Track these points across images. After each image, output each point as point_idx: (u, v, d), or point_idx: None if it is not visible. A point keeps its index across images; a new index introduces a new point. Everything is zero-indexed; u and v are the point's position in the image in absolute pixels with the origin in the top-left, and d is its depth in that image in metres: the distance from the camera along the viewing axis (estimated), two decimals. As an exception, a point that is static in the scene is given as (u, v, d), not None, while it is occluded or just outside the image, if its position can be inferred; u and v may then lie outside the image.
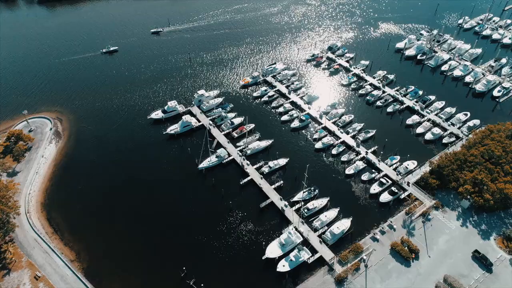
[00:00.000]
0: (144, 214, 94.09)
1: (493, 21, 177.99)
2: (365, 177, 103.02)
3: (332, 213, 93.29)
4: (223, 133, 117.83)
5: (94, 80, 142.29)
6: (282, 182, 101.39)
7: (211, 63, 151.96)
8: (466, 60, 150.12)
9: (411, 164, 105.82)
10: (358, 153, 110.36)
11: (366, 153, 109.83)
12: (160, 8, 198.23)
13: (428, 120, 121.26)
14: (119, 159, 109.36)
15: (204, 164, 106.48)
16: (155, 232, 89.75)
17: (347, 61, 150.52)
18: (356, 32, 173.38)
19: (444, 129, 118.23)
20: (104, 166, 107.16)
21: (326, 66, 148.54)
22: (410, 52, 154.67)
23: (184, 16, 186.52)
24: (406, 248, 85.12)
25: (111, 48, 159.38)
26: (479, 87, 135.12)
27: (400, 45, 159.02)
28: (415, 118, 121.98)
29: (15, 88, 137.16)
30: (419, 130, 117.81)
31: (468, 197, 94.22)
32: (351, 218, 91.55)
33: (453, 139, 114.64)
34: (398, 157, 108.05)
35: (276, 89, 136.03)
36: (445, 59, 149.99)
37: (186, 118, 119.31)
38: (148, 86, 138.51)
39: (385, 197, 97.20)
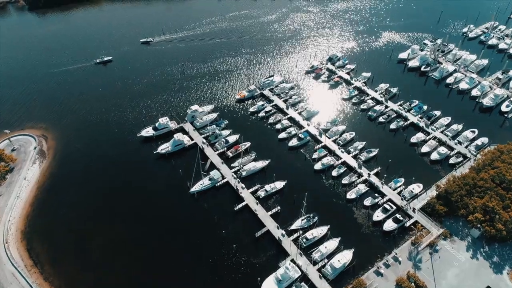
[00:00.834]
0: (131, 243, 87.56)
1: (499, 29, 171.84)
2: (367, 202, 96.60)
3: (333, 243, 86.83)
4: (217, 152, 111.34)
5: (85, 93, 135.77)
6: (279, 208, 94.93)
7: (206, 74, 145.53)
8: (472, 72, 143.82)
9: (416, 187, 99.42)
10: (360, 175, 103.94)
11: (369, 175, 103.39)
12: (154, 14, 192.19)
13: (434, 138, 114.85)
14: (105, 182, 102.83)
15: (196, 187, 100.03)
16: (142, 264, 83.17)
17: (348, 73, 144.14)
18: (357, 41, 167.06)
19: (451, 148, 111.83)
20: (89, 189, 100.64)
21: (326, 78, 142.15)
22: (413, 63, 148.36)
23: (179, 24, 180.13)
24: (413, 284, 78.71)
25: (105, 58, 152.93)
26: (486, 101, 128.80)
27: (403, 55, 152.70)
28: (419, 136, 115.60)
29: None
30: (424, 149, 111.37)
31: (479, 226, 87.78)
32: (352, 250, 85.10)
33: (460, 159, 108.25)
34: (403, 180, 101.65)
35: (273, 103, 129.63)
36: (450, 71, 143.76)
37: (178, 136, 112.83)
38: (140, 99, 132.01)
39: (389, 225, 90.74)
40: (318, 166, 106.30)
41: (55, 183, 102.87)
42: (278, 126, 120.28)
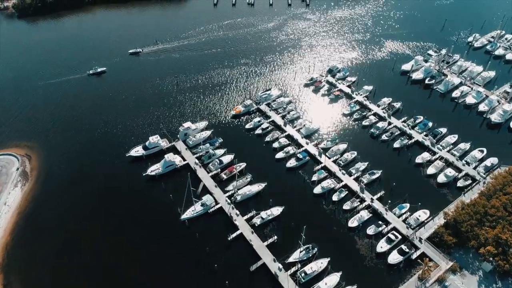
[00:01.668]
0: (116, 276, 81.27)
1: (506, 38, 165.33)
2: (370, 231, 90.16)
3: (334, 279, 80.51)
4: (210, 174, 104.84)
5: (75, 107, 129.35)
6: (276, 237, 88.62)
7: (201, 87, 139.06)
8: (478, 85, 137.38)
9: (422, 214, 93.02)
10: (362, 200, 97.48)
11: (372, 200, 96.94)
12: (149, 21, 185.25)
13: (440, 158, 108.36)
14: (90, 208, 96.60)
15: (188, 214, 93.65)
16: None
17: (349, 86, 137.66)
18: (358, 51, 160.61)
19: (458, 169, 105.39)
20: (73, 216, 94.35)
21: (326, 92, 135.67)
22: (417, 75, 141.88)
23: (174, 32, 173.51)
24: (421, 327, 72.25)
25: (99, 69, 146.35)
26: (494, 117, 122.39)
27: (406, 67, 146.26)
28: (425, 156, 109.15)
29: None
30: (431, 170, 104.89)
31: (491, 259, 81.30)
32: (355, 287, 78.58)
33: (469, 181, 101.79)
34: (408, 205, 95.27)
35: (270, 119, 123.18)
36: (456, 84, 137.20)
37: (169, 157, 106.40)
38: (131, 115, 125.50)
39: (394, 258, 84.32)
40: (317, 190, 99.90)
41: (38, 209, 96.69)
42: (276, 144, 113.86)
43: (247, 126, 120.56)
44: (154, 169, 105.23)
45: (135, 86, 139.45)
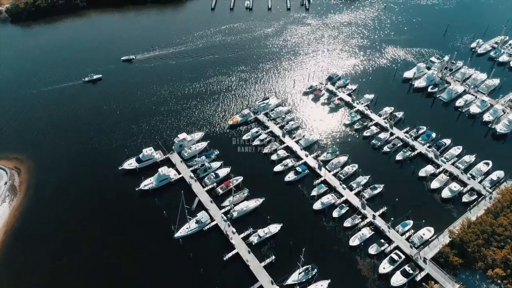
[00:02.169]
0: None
1: (510, 44, 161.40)
2: (372, 250, 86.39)
3: (334, 303, 76.55)
4: (205, 189, 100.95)
5: (67, 117, 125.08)
6: (273, 257, 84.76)
7: (197, 96, 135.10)
8: (483, 93, 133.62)
9: (427, 232, 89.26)
10: (363, 217, 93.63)
11: (374, 216, 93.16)
12: (145, 26, 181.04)
13: (445, 171, 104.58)
14: (81, 225, 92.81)
15: (182, 232, 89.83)
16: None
17: (349, 94, 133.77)
18: (358, 58, 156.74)
19: (463, 184, 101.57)
20: (63, 235, 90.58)
21: (326, 101, 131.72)
22: (419, 83, 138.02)
23: (169, 37, 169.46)
24: None
25: (94, 77, 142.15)
26: (500, 128, 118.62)
27: (408, 74, 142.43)
28: (428, 169, 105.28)
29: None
30: (434, 184, 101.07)
31: (499, 281, 77.49)
32: (357, 312, 74.82)
33: (474, 197, 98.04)
34: (411, 223, 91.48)
35: (268, 130, 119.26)
36: (459, 92, 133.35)
37: (163, 170, 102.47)
38: (125, 124, 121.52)
39: (397, 280, 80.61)
40: (317, 205, 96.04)
41: (26, 226, 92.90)
42: (274, 157, 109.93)
43: (244, 137, 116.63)
44: (148, 183, 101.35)
45: (130, 94, 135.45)
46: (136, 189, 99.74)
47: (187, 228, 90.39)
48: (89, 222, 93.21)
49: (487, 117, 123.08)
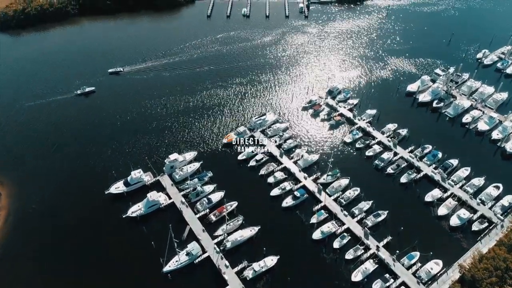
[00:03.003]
0: None
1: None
2: (377, 286, 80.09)
3: None
4: (197, 215, 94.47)
5: (56, 134, 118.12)
6: (269, 295, 78.27)
7: (191, 111, 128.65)
8: (491, 108, 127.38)
9: (434, 266, 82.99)
10: (366, 248, 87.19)
11: (377, 248, 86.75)
12: (137, 34, 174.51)
13: (453, 196, 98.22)
14: (63, 255, 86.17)
15: (171, 265, 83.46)
16: None
17: (350, 110, 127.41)
18: (360, 69, 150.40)
19: (473, 209, 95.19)
20: (44, 264, 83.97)
21: (326, 116, 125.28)
22: (424, 97, 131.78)
23: (164, 47, 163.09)
24: None
25: (87, 89, 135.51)
26: (509, 147, 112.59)
27: (412, 87, 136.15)
28: (435, 193, 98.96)
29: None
30: (442, 211, 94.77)
31: (515, 325, 71.07)
32: None
33: (485, 225, 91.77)
34: (418, 254, 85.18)
35: (265, 149, 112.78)
36: (466, 107, 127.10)
37: (153, 196, 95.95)
38: (115, 143, 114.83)
39: (404, 321, 74.04)
40: (317, 234, 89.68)
41: (5, 258, 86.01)
42: (271, 179, 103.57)
43: (239, 157, 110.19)
44: (136, 209, 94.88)
45: (122, 109, 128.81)
46: (123, 216, 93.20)
47: (176, 261, 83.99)
48: (72, 254, 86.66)
49: (495, 134, 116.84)
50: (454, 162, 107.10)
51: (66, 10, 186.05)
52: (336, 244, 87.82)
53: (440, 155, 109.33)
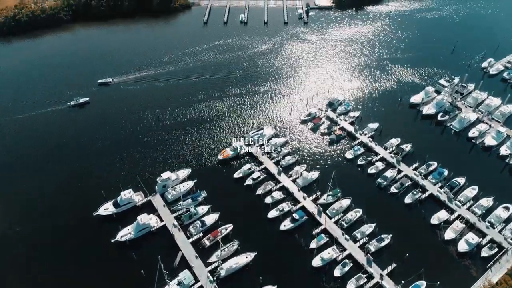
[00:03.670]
0: None
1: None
2: (380, 320, 74.70)
3: None
4: (190, 240, 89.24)
5: (44, 150, 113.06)
6: (266, 331, 73.01)
7: (185, 124, 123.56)
8: (498, 121, 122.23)
9: (442, 297, 77.55)
10: (370, 276, 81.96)
11: (381, 276, 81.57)
12: (132, 41, 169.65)
13: (460, 218, 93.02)
14: (47, 284, 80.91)
15: (161, 297, 78.07)
16: None
17: (352, 123, 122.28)
18: (360, 80, 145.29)
19: (482, 233, 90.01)
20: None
21: (326, 131, 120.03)
22: (428, 110, 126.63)
23: (158, 54, 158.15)
24: None
25: (81, 100, 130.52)
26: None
27: (415, 99, 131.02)
28: (441, 215, 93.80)
29: None
30: (449, 235, 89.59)
31: None
32: None
33: (494, 250, 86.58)
34: (424, 284, 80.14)
35: (262, 166, 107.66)
36: (472, 120, 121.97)
37: (143, 219, 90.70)
38: (106, 160, 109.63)
39: None
40: (317, 261, 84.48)
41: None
42: (268, 199, 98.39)
43: (235, 175, 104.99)
44: (125, 233, 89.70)
45: (115, 122, 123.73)
46: (112, 241, 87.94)
47: (167, 291, 78.74)
48: (56, 284, 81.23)
49: (504, 150, 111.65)
50: (461, 180, 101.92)
51: (58, 17, 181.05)
52: (337, 272, 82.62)
53: (446, 173, 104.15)
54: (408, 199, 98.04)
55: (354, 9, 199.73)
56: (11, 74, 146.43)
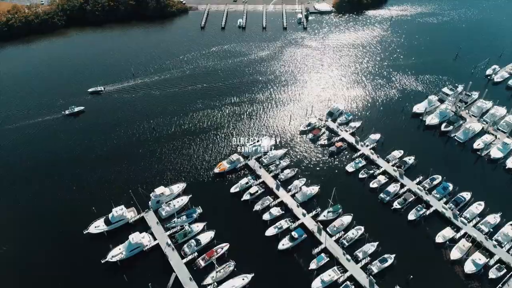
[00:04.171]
0: None
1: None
2: None
3: None
4: (185, 260, 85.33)
5: (35, 162, 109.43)
6: None
7: (181, 135, 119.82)
8: (503, 132, 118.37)
9: (449, 323, 73.57)
10: (372, 300, 78.02)
11: (384, 300, 77.49)
12: (128, 46, 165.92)
13: (466, 236, 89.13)
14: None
15: (153, 323, 74.12)
16: None
17: (353, 134, 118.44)
18: (362, 87, 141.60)
19: (489, 253, 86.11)
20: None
21: (326, 142, 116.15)
22: (431, 119, 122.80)
23: (154, 61, 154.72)
24: None
25: (76, 109, 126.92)
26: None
27: (418, 108, 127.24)
28: (447, 234, 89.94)
29: None
30: (455, 254, 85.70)
31: None
32: None
33: (503, 272, 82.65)
34: (430, 308, 75.94)
35: (260, 180, 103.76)
36: (477, 131, 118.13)
37: (135, 238, 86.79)
38: (98, 173, 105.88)
39: None
40: (317, 284, 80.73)
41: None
42: (266, 216, 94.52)
43: (232, 190, 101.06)
44: (116, 253, 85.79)
45: (109, 132, 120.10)
46: (103, 261, 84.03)
47: (159, 317, 74.80)
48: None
49: (510, 163, 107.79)
50: (466, 195, 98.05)
51: (52, 22, 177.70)
52: (338, 296, 78.74)
53: (451, 187, 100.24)
54: (411, 216, 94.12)
55: (354, 13, 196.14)
56: (2, 82, 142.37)
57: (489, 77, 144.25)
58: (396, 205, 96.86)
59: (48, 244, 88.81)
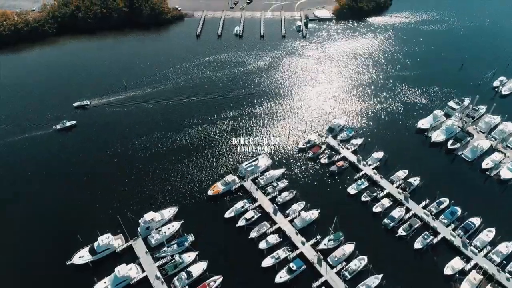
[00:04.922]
0: None
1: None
2: None
3: None
4: (175, 294, 79.38)
5: (22, 182, 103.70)
6: None
7: (174, 153, 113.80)
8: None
9: None
10: None
11: None
12: (121, 55, 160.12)
13: (477, 268, 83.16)
14: None
15: None
16: None
17: (354, 152, 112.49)
18: (363, 100, 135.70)
19: (502, 286, 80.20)
20: None
21: (326, 161, 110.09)
22: (437, 136, 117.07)
23: (148, 71, 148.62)
24: None
25: (67, 124, 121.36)
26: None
27: (423, 124, 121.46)
28: (456, 265, 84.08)
29: None
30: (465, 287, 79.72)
31: None
32: None
33: (517, 308, 76.51)
34: None
35: (257, 204, 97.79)
36: (485, 149, 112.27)
37: (121, 271, 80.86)
38: (84, 197, 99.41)
39: None
40: (317, 323, 74.45)
41: None
42: (263, 244, 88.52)
43: (226, 215, 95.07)
44: (101, 287, 79.61)
45: (97, 149, 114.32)
46: (86, 297, 78.00)
47: None
48: None
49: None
50: (476, 221, 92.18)
51: (43, 30, 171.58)
52: (340, 337, 72.71)
53: (459, 212, 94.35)
54: (418, 244, 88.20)
55: (355, 20, 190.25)
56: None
57: (496, 90, 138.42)
58: (401, 232, 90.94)
59: (28, 276, 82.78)
